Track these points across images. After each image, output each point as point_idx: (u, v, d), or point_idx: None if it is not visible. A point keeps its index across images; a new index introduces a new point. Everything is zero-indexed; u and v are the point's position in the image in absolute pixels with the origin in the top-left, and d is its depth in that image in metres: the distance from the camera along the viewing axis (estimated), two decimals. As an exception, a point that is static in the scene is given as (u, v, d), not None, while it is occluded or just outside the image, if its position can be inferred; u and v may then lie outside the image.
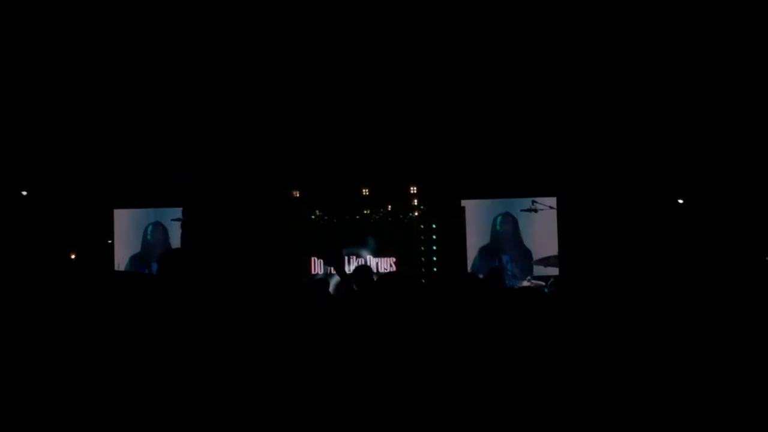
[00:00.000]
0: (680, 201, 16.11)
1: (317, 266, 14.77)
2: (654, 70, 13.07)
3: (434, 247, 14.67)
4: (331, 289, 10.40)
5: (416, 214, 14.80)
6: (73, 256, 16.23)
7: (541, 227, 14.58)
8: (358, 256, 14.67)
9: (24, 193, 15.14)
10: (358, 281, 4.69)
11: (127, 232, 15.51)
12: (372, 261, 14.52)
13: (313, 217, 14.85)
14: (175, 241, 14.60)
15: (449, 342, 3.15)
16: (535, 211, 14.58)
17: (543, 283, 13.21)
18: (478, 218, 14.89)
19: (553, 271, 13.79)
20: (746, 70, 12.79)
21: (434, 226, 14.71)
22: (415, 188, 14.64)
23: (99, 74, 13.40)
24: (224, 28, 12.64)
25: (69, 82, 13.44)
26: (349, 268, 13.94)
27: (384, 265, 14.62)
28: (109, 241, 15.51)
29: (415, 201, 14.75)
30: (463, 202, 14.88)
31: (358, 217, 14.83)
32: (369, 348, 2.72)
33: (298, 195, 14.66)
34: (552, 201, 14.56)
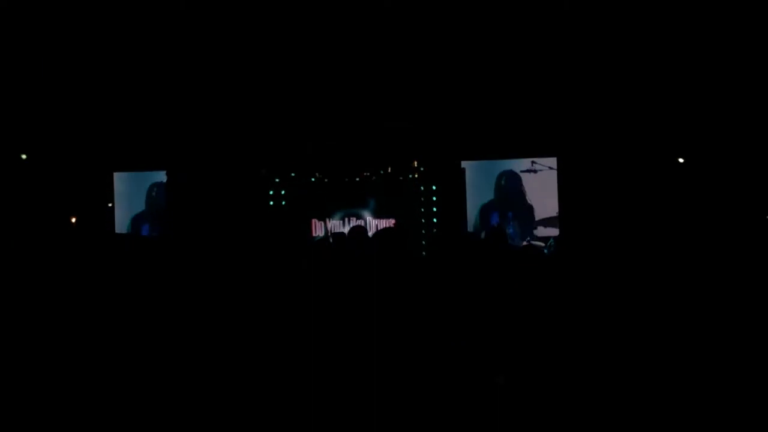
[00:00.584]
0: (681, 160, 16.08)
1: (317, 228, 14.80)
2: (656, 27, 12.98)
3: (434, 209, 14.68)
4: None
5: (416, 175, 14.78)
6: (73, 220, 16.26)
7: (541, 188, 14.58)
8: (358, 217, 14.69)
9: (24, 156, 15.12)
10: (354, 242, 4.69)
11: (128, 195, 15.54)
12: (372, 222, 14.55)
13: (312, 179, 14.85)
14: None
15: (449, 302, 3.16)
16: (535, 171, 14.57)
17: (542, 244, 13.24)
18: (478, 179, 14.88)
19: (553, 231, 13.81)
20: (747, 26, 12.70)
21: (434, 187, 14.71)
22: (415, 149, 14.63)
23: (98, 36, 13.34)
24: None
25: (67, 45, 13.38)
26: (346, 229, 14.01)
27: (383, 226, 14.63)
28: (110, 205, 15.54)
29: (415, 162, 14.73)
30: (463, 164, 14.87)
31: (357, 179, 14.82)
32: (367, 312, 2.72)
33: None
34: (552, 161, 14.54)
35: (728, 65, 13.16)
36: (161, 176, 15.28)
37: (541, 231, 14.07)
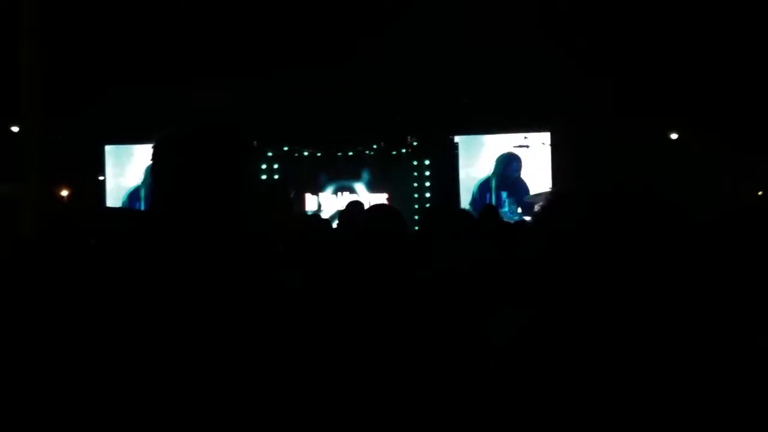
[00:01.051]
0: (673, 136, 16.09)
1: (311, 202, 14.80)
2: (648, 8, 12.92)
3: (427, 183, 14.67)
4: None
5: (409, 150, 14.77)
6: (65, 192, 16.20)
7: (533, 163, 14.58)
8: (352, 191, 14.67)
9: (15, 129, 15.03)
10: (346, 221, 4.65)
11: (119, 167, 15.46)
12: (366, 197, 14.54)
13: (306, 153, 14.81)
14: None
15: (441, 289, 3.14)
16: (527, 147, 14.57)
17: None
18: (470, 154, 14.87)
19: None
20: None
21: (427, 162, 14.70)
22: (408, 124, 14.59)
23: (88, 8, 13.21)
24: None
25: (58, 17, 13.24)
26: (341, 203, 14.00)
27: (376, 201, 14.63)
28: (101, 178, 15.47)
29: (408, 137, 14.71)
30: (456, 138, 14.86)
31: (351, 153, 14.80)
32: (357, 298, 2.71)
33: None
34: (545, 137, 14.53)
35: (723, 40, 13.13)
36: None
37: (535, 207, 14.11)
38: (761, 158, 15.29)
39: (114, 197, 15.27)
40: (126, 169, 15.40)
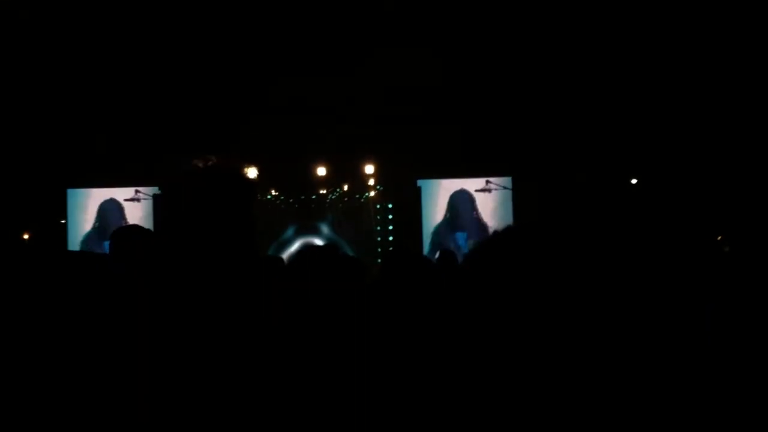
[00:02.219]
0: (634, 181, 16.29)
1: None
2: (605, 44, 13.16)
3: (390, 227, 14.71)
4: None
5: (372, 193, 14.81)
6: (26, 236, 16.03)
7: (496, 206, 14.68)
8: (316, 233, 14.63)
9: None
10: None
11: (81, 211, 15.35)
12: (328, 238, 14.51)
13: (269, 197, 14.79)
14: (131, 218, 14.45)
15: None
16: (489, 191, 14.67)
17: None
18: (434, 198, 14.94)
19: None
20: (692, 44, 12.94)
21: (390, 205, 14.75)
22: (371, 167, 14.62)
23: (53, 51, 13.21)
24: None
25: (22, 61, 13.23)
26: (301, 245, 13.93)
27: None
28: (62, 221, 15.34)
29: (371, 181, 14.76)
30: (419, 182, 14.93)
31: (314, 197, 14.81)
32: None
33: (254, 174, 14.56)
34: (507, 181, 14.66)
35: (677, 84, 13.39)
36: (113, 193, 15.11)
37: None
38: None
39: (75, 241, 15.15)
40: (87, 212, 15.30)
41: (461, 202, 14.81)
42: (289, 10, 12.83)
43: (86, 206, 15.28)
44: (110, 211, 15.12)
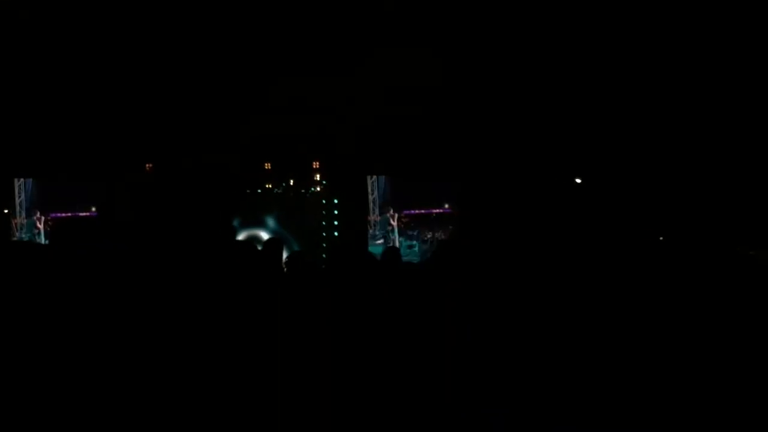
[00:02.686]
0: (578, 180, 16.43)
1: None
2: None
3: (336, 222, 14.66)
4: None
5: (318, 189, 14.75)
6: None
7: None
8: (261, 227, 14.57)
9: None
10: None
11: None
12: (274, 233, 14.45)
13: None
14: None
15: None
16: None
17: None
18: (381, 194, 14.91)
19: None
20: (635, 45, 13.09)
21: (336, 201, 14.70)
22: (317, 163, 14.58)
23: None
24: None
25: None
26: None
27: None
28: (5, 211, 15.12)
29: (318, 176, 14.71)
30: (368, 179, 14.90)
31: (259, 191, 14.72)
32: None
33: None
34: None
35: (624, 89, 13.53)
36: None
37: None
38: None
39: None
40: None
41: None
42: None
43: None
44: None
